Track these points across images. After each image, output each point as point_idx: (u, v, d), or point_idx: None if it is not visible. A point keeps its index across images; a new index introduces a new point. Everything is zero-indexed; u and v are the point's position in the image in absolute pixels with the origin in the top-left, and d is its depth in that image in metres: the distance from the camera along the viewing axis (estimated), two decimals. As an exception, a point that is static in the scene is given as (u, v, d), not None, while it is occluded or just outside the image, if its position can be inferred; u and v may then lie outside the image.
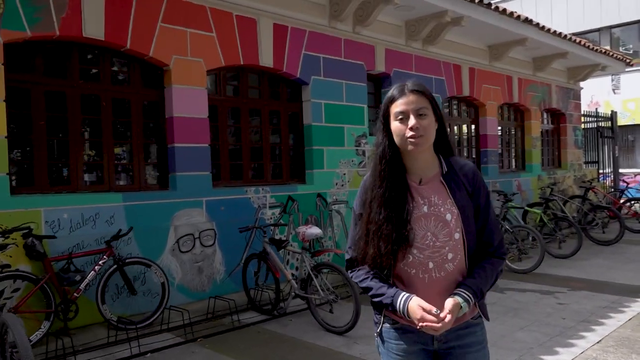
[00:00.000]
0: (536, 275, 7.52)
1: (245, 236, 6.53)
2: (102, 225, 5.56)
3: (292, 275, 5.91)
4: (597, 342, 4.71)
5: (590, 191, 12.08)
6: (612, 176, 15.77)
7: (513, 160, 12.61)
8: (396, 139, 1.91)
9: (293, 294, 5.67)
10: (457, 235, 1.89)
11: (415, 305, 1.81)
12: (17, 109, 5.25)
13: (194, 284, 6.26)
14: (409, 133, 1.86)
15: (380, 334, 2.04)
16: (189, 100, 6.28)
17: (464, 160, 2.04)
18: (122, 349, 4.80)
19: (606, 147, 16.06)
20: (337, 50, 8.05)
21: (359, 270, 2.01)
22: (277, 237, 6.75)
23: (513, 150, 12.61)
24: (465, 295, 1.85)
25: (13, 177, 5.27)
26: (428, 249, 1.88)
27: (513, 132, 12.58)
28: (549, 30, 10.73)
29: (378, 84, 9.02)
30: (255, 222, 6.76)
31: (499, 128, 11.88)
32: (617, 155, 15.90)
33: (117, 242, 5.49)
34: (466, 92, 10.54)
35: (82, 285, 5.13)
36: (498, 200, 8.99)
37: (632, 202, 12.91)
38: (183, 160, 6.23)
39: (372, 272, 1.95)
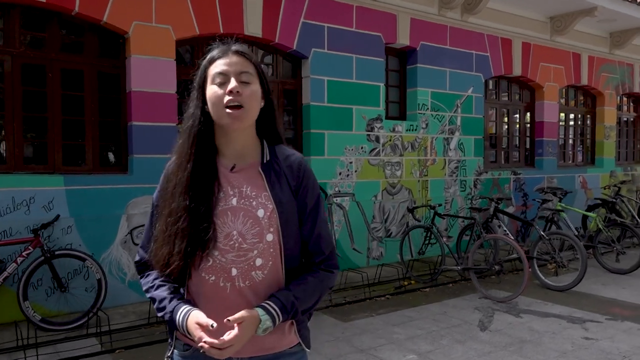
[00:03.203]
0: (573, 294, 6.08)
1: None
2: (38, 211, 4.96)
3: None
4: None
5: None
6: None
7: (579, 153, 10.83)
8: (211, 108, 1.54)
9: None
10: (269, 237, 1.54)
11: (192, 322, 1.43)
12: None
13: (150, 281, 5.55)
14: (227, 98, 1.50)
15: None
16: (152, 73, 5.51)
17: (293, 150, 1.67)
18: (28, 355, 4.16)
19: None
20: (347, 19, 6.95)
21: (149, 275, 1.64)
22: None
23: (580, 141, 10.83)
24: (271, 309, 1.46)
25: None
26: (232, 252, 1.52)
27: (580, 120, 10.79)
28: (626, -3, 8.92)
29: (403, 59, 7.81)
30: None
31: (561, 115, 10.18)
32: None
33: (46, 230, 4.88)
34: (517, 71, 9.01)
35: (0, 278, 4.56)
36: (535, 200, 7.48)
37: None
38: (143, 140, 5.49)
39: (160, 279, 1.59)
